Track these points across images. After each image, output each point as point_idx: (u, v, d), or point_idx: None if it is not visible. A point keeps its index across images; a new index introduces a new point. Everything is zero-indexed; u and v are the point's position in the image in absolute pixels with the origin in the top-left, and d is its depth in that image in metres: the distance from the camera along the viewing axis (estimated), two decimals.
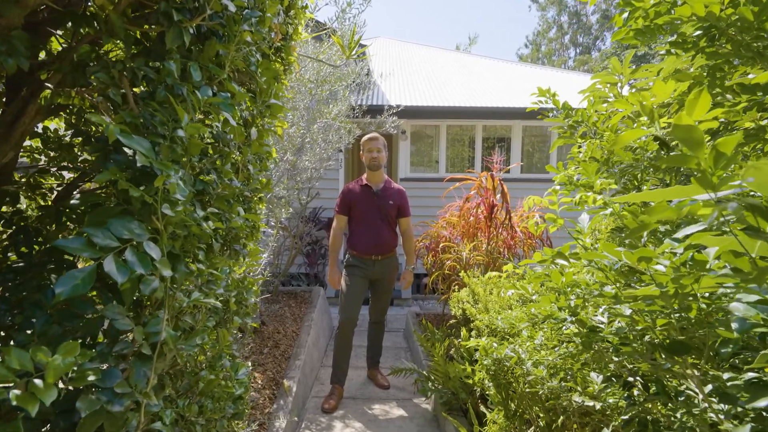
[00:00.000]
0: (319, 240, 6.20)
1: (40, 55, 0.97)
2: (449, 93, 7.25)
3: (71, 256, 0.91)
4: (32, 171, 1.03)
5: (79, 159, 1.21)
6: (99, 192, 1.12)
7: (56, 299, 0.55)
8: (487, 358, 1.81)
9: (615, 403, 1.19)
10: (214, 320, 1.10)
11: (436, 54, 11.08)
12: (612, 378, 1.12)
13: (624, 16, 1.26)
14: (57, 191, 1.22)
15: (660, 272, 0.71)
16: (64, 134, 1.23)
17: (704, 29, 1.10)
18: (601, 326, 1.09)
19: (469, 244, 3.66)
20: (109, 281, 0.73)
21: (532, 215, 3.95)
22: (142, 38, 0.89)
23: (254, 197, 1.44)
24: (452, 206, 4.24)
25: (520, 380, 1.73)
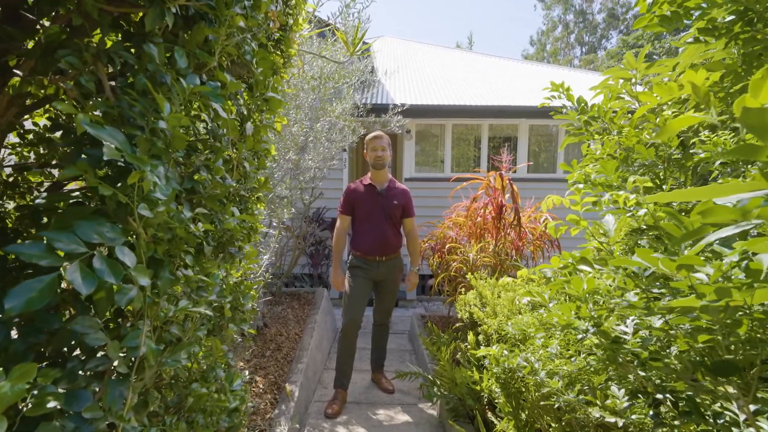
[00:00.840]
0: (323, 240, 6.13)
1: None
2: (454, 91, 7.15)
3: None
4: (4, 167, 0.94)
5: None
6: (83, 192, 1.04)
7: (6, 314, 0.47)
8: (497, 367, 1.72)
9: (639, 420, 1.10)
10: (206, 329, 1.02)
11: (441, 52, 10.98)
12: (637, 393, 1.03)
13: (648, 1, 1.16)
14: (44, 190, 1.15)
15: (703, 282, 0.62)
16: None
17: (739, 13, 1.01)
18: (625, 337, 1.00)
19: (476, 245, 3.56)
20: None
21: (540, 215, 3.84)
22: (124, 23, 0.81)
23: (251, 197, 1.36)
24: (458, 206, 4.14)
25: (532, 389, 1.64)
